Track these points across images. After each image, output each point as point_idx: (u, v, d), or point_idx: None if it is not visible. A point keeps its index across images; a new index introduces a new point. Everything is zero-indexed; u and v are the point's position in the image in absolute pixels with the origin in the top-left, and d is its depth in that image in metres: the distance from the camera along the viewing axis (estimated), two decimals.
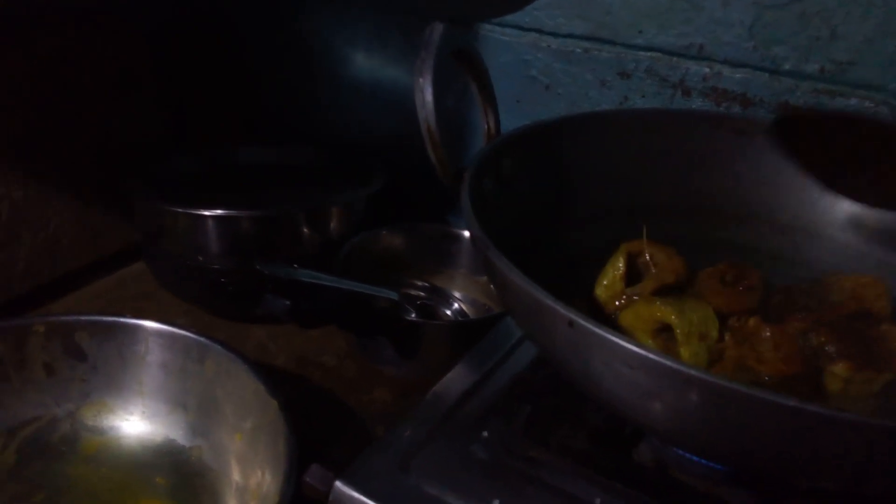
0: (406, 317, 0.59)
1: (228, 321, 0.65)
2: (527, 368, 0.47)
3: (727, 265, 0.45)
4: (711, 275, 0.44)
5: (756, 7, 0.53)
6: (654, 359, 0.29)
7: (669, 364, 0.29)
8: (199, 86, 0.82)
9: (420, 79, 0.41)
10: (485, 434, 0.42)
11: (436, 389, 0.45)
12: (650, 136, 0.52)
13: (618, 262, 0.45)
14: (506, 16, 0.64)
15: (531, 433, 0.42)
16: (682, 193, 0.51)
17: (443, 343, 0.56)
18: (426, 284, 0.65)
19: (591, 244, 0.48)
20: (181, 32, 0.78)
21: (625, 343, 0.30)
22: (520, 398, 0.45)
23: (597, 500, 0.38)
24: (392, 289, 0.58)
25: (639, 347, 0.30)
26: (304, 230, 0.63)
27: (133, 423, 0.52)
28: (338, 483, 0.38)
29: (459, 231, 0.66)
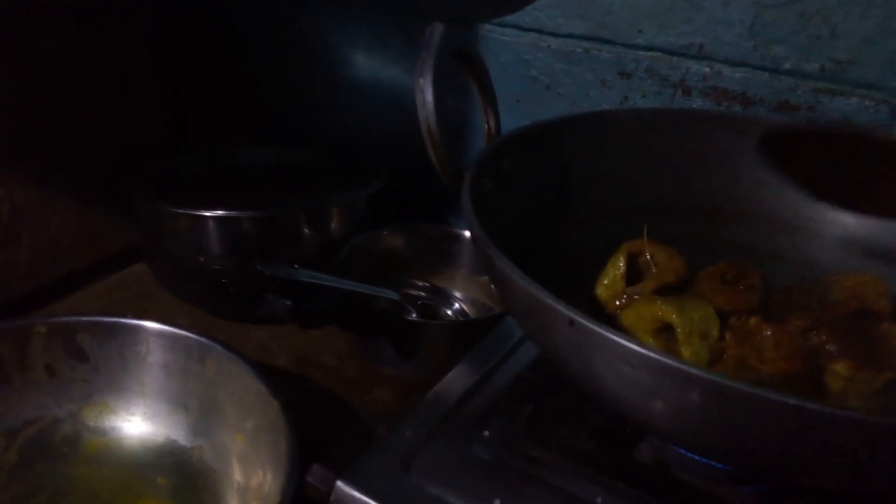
0: (407, 317, 0.59)
1: (229, 322, 0.65)
2: (528, 368, 0.47)
3: (727, 264, 0.45)
4: (712, 274, 0.44)
5: (756, 6, 0.53)
6: (656, 358, 0.29)
7: (671, 363, 0.29)
8: (199, 86, 0.82)
9: (420, 79, 0.41)
10: (486, 434, 0.42)
11: (437, 389, 0.45)
12: (650, 136, 0.52)
13: (618, 262, 0.45)
14: (506, 16, 0.64)
15: (532, 433, 0.42)
16: (683, 193, 0.51)
17: (443, 343, 0.56)
18: (427, 284, 0.65)
19: (592, 244, 0.48)
20: (181, 32, 0.78)
21: (626, 342, 0.30)
22: (521, 398, 0.45)
23: (598, 500, 0.38)
24: (393, 289, 0.58)
25: (640, 346, 0.30)
26: (305, 231, 0.63)
27: (134, 424, 0.52)
28: (339, 483, 0.38)
29: (460, 231, 0.66)
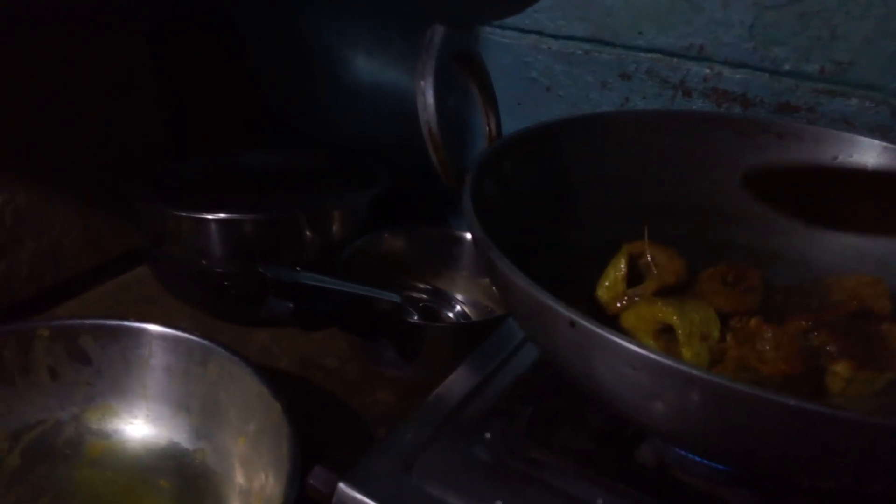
0: (408, 319, 0.59)
1: (231, 324, 0.65)
2: (529, 370, 0.47)
3: (728, 266, 0.45)
4: (712, 275, 0.44)
5: (756, 8, 0.54)
6: (656, 359, 0.29)
7: (671, 364, 0.29)
8: (200, 86, 0.82)
9: (421, 81, 0.41)
10: (487, 435, 0.42)
11: (438, 391, 0.45)
12: (651, 137, 0.52)
13: (619, 264, 0.45)
14: (506, 18, 0.64)
15: (533, 434, 0.42)
16: (683, 194, 0.51)
17: (445, 345, 0.56)
18: (428, 287, 0.65)
19: (593, 245, 0.48)
20: (181, 33, 0.78)
21: (627, 343, 0.30)
22: (522, 399, 0.45)
23: (599, 501, 0.38)
24: (394, 291, 0.58)
25: (641, 348, 0.30)
26: (307, 233, 0.63)
27: (137, 427, 0.52)
28: (341, 484, 0.38)
29: (461, 233, 0.66)
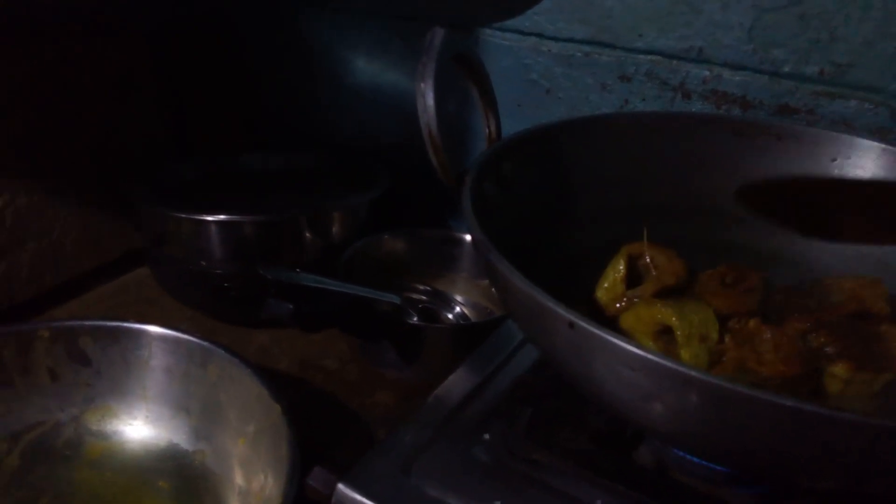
0: (408, 320, 0.59)
1: (231, 326, 0.65)
2: (528, 371, 0.48)
3: (727, 267, 0.45)
4: (712, 276, 0.44)
5: (755, 10, 0.54)
6: (655, 360, 0.29)
7: (670, 365, 0.29)
8: (200, 86, 0.82)
9: (421, 83, 0.41)
10: (486, 437, 0.42)
11: (437, 392, 0.45)
12: (650, 139, 0.52)
13: (618, 265, 0.45)
14: (506, 20, 0.64)
15: (533, 435, 0.42)
16: (683, 195, 0.51)
17: (444, 346, 0.57)
18: (428, 288, 0.65)
19: (592, 246, 0.48)
20: (181, 33, 0.78)
21: (625, 345, 0.30)
22: (521, 401, 0.45)
23: (598, 502, 0.38)
24: (394, 293, 0.58)
25: (639, 349, 0.30)
26: (307, 234, 0.63)
27: (136, 428, 0.52)
28: (340, 486, 0.38)
29: (461, 235, 0.66)
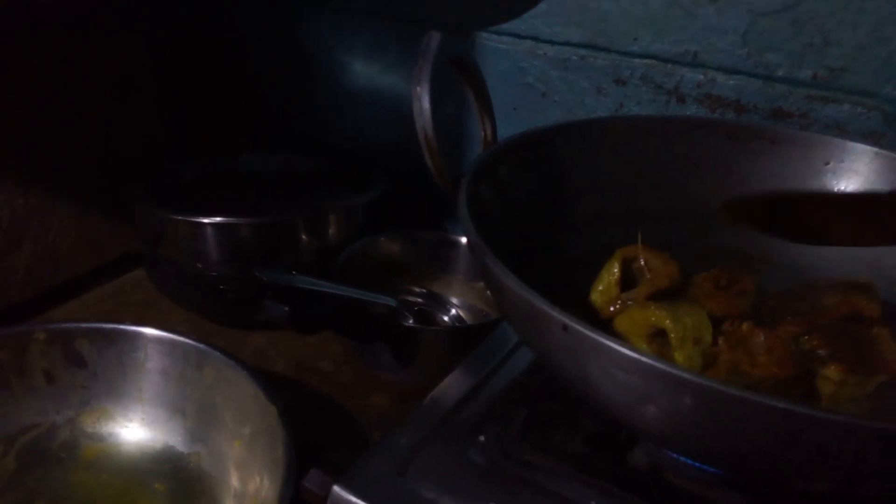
0: (404, 323, 0.59)
1: (227, 328, 0.65)
2: (523, 373, 0.48)
3: (721, 270, 0.45)
4: (705, 279, 0.45)
5: (750, 14, 0.54)
6: (649, 363, 0.30)
7: (663, 368, 0.29)
8: (199, 87, 0.82)
9: (417, 87, 0.41)
10: (481, 439, 0.42)
11: (433, 394, 0.45)
12: (645, 143, 0.52)
13: (613, 268, 0.45)
14: (502, 24, 0.64)
15: (528, 437, 0.42)
16: (677, 198, 0.51)
17: (440, 349, 0.57)
18: (424, 290, 0.66)
19: (588, 249, 0.48)
20: (181, 34, 0.78)
21: (619, 347, 0.30)
22: (516, 403, 0.45)
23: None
24: (390, 295, 0.58)
25: (633, 351, 0.30)
26: (303, 237, 0.63)
27: (132, 430, 0.52)
28: (336, 488, 0.38)
29: (457, 238, 0.67)
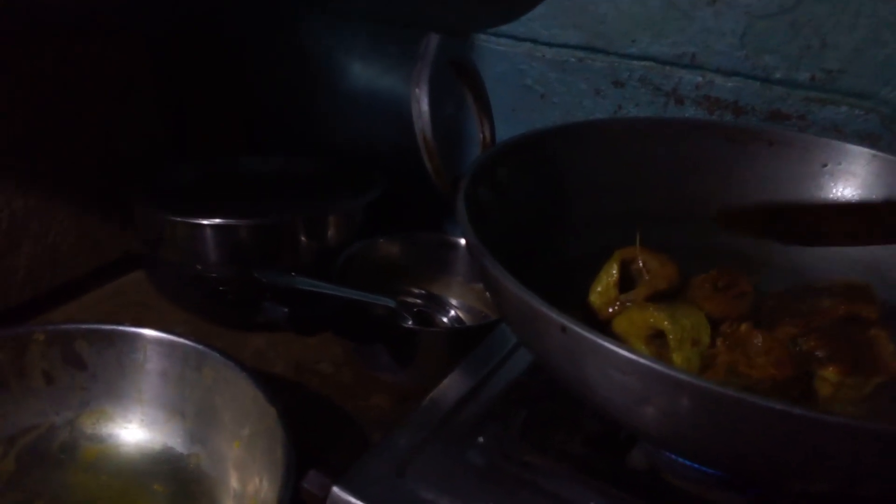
0: (403, 324, 0.60)
1: (227, 329, 0.65)
2: (523, 374, 0.48)
3: (719, 271, 0.45)
4: (704, 281, 0.45)
5: (747, 17, 0.54)
6: (647, 364, 0.30)
7: (661, 369, 0.30)
8: (199, 88, 0.82)
9: (416, 89, 0.41)
10: (481, 440, 0.42)
11: (432, 395, 0.45)
12: (644, 144, 0.52)
13: (611, 269, 0.45)
14: (501, 26, 0.64)
15: (527, 438, 0.42)
16: (676, 200, 0.51)
17: (439, 350, 0.57)
18: (423, 292, 0.66)
19: (586, 250, 0.48)
20: (181, 34, 0.78)
21: (617, 348, 0.30)
22: (515, 404, 0.45)
23: None
24: (389, 296, 0.58)
25: (630, 353, 0.30)
26: (302, 238, 0.63)
27: (132, 431, 0.52)
28: (335, 489, 0.38)
29: (456, 239, 0.67)
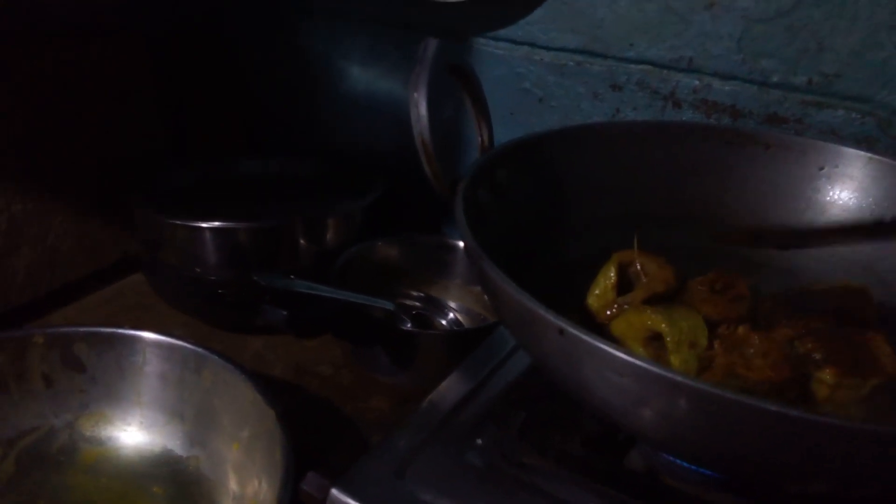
0: (401, 326, 0.60)
1: (226, 332, 0.65)
2: (521, 376, 0.48)
3: (717, 274, 0.45)
4: (701, 283, 0.45)
5: (744, 21, 0.54)
6: (643, 366, 0.30)
7: (659, 371, 0.30)
8: (199, 89, 0.82)
9: (415, 93, 0.42)
10: (479, 441, 0.42)
11: (431, 397, 0.46)
12: (642, 148, 0.52)
13: (609, 272, 0.45)
14: (499, 30, 0.65)
15: (526, 440, 0.42)
16: (674, 203, 0.52)
17: (438, 352, 0.57)
18: (422, 294, 0.66)
19: (584, 253, 0.48)
20: (181, 36, 0.78)
21: (615, 351, 0.30)
22: (514, 405, 0.45)
23: None
24: (388, 299, 0.59)
25: (628, 355, 0.30)
26: (301, 241, 0.63)
27: (131, 434, 0.52)
28: (334, 490, 0.38)
29: (455, 241, 0.67)
